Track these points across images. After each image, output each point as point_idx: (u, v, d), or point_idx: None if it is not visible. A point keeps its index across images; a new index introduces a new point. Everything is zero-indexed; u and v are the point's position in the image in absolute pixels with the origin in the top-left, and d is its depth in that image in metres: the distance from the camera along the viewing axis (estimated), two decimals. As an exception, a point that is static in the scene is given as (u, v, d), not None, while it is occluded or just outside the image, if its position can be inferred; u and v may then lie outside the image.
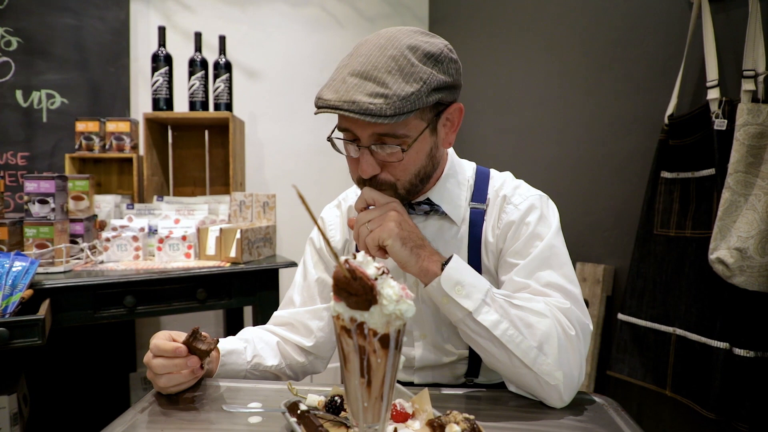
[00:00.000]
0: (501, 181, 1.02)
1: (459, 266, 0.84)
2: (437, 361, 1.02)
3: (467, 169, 1.04)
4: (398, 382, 0.90)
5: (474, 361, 1.01)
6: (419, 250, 0.85)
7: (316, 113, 0.86)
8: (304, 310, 1.09)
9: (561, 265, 0.91)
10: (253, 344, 1.03)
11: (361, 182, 0.91)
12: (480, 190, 1.01)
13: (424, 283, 0.85)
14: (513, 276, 0.91)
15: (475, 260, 0.97)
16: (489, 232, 0.98)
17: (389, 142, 0.84)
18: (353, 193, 1.13)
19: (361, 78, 0.80)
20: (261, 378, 1.01)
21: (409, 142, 0.85)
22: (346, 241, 1.09)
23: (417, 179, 0.91)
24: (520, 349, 0.80)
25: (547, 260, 0.91)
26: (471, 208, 0.99)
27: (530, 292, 0.89)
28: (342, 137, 0.89)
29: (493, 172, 1.05)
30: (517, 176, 1.06)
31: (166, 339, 0.85)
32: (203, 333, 0.86)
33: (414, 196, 0.95)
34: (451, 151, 1.02)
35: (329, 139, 0.91)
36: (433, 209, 0.98)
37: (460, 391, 0.89)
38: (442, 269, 0.82)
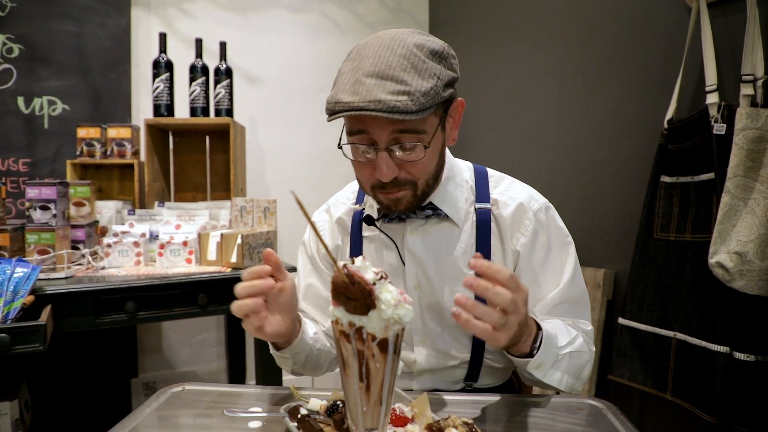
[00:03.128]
0: (506, 183, 1.04)
1: (545, 350, 0.84)
2: (438, 365, 1.01)
3: (464, 169, 1.05)
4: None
5: (474, 365, 1.00)
6: (524, 335, 0.81)
7: (332, 118, 0.83)
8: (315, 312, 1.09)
9: (581, 279, 1.00)
10: (310, 323, 1.02)
11: (376, 188, 0.90)
12: (482, 190, 1.01)
13: (503, 348, 0.82)
14: (552, 297, 0.97)
15: None
16: (505, 236, 0.98)
17: (408, 140, 0.84)
18: (344, 197, 1.11)
19: (379, 78, 0.79)
20: (314, 360, 0.99)
21: (428, 139, 0.85)
22: (337, 246, 1.08)
23: (432, 179, 0.92)
24: (568, 387, 0.90)
25: (575, 276, 0.98)
26: (477, 209, 0.99)
27: (566, 311, 0.98)
28: (355, 142, 0.86)
29: (490, 171, 1.06)
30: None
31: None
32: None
33: (425, 198, 0.94)
34: (447, 152, 1.01)
35: (340, 146, 0.88)
36: (435, 213, 0.97)
37: (459, 396, 0.89)
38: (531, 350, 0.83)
